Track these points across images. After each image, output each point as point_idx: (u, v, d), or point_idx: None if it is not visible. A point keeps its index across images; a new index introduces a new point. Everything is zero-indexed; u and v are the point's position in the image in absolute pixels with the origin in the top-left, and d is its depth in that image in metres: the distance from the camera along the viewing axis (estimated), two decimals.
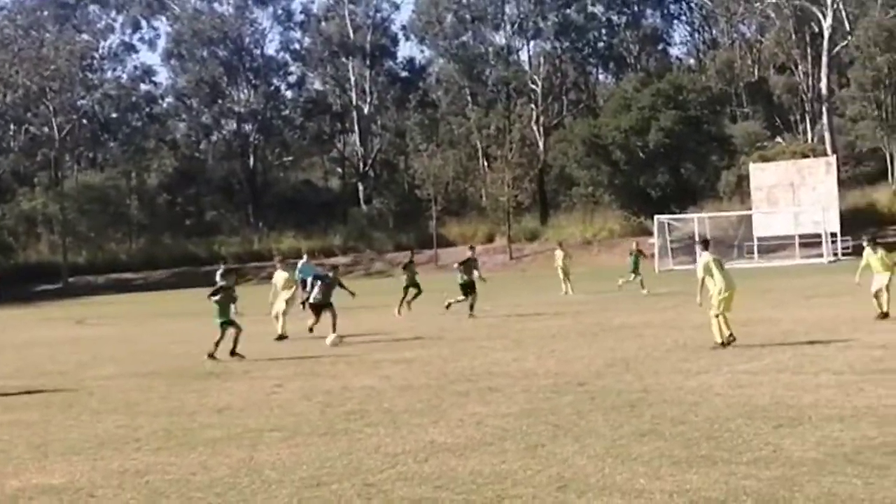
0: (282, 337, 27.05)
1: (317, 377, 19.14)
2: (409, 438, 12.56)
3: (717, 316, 20.25)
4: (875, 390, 14.08)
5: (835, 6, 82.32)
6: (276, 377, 19.36)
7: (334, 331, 25.67)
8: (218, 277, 25.86)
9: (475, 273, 33.05)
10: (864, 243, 26.06)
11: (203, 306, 42.81)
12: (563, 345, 22.30)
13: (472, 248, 37.62)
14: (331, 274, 27.97)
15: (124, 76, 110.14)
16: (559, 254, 44.74)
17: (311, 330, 27.35)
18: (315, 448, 12.35)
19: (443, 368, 19.26)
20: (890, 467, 9.77)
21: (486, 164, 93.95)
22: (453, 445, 12.01)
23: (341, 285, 28.34)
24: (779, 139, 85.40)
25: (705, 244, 21.86)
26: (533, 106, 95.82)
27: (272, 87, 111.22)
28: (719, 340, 20.02)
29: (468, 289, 32.18)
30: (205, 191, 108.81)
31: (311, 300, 27.90)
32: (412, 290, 34.74)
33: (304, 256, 43.82)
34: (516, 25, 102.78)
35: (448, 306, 33.09)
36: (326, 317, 26.85)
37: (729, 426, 12.21)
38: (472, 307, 31.58)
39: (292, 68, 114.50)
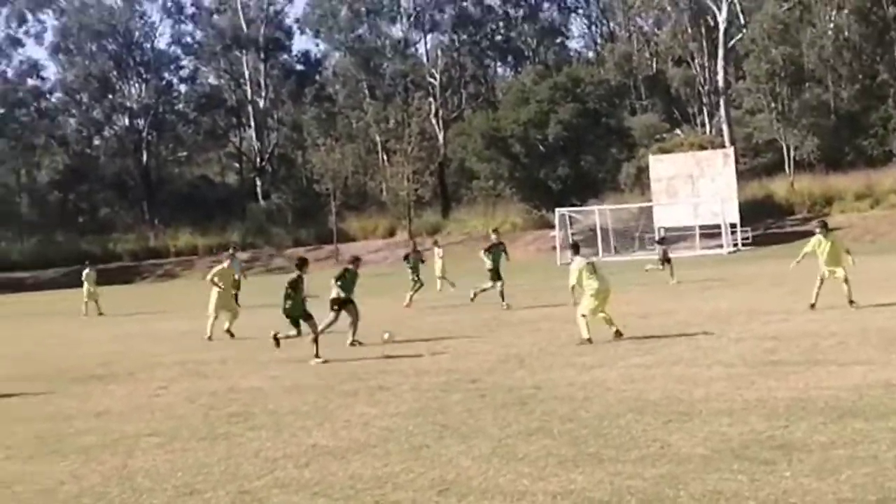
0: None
1: (204, 378, 18.69)
2: (291, 442, 12.22)
3: (583, 315, 19.91)
4: (765, 382, 14.04)
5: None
6: (161, 379, 18.88)
7: (354, 333, 22.84)
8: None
9: (503, 257, 31.68)
10: (816, 230, 24.58)
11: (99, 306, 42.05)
12: (458, 340, 22.08)
13: (496, 231, 35.68)
14: (350, 266, 23.81)
15: (10, 71, 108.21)
16: (437, 251, 43.55)
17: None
18: (193, 453, 11.97)
19: (333, 367, 18.91)
20: (776, 462, 9.66)
21: (385, 158, 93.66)
22: (335, 448, 11.70)
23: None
24: (677, 131, 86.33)
25: (575, 248, 21.54)
26: (431, 99, 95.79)
27: (164, 82, 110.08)
28: (586, 336, 19.68)
29: (496, 274, 30.97)
30: (98, 188, 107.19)
31: (333, 295, 23.14)
32: (417, 283, 34.24)
33: (231, 249, 40.76)
34: (413, 18, 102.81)
35: (473, 297, 31.87)
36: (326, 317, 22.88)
37: (618, 422, 12.05)
38: (502, 296, 30.24)
39: (184, 62, 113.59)
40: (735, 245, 65.28)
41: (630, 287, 35.95)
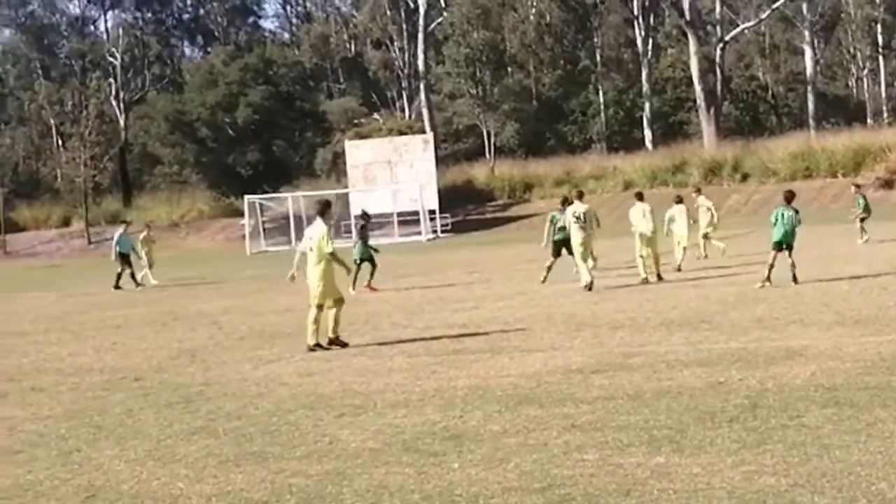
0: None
1: None
2: None
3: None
4: (447, 372, 14.16)
5: None
6: None
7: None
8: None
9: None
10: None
11: None
12: (128, 336, 21.42)
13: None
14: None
15: None
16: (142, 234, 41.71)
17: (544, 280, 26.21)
18: None
19: None
20: (446, 453, 9.69)
21: (60, 142, 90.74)
22: None
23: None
24: (375, 116, 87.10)
25: (679, 199, 29.01)
26: (112, 80, 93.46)
27: None
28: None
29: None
30: None
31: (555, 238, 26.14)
32: (367, 265, 29.48)
33: (122, 227, 38.64)
34: None
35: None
36: None
37: (288, 418, 11.89)
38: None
39: None
40: (434, 232, 66.42)
41: None
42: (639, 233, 25.42)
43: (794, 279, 22.14)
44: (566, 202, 26.74)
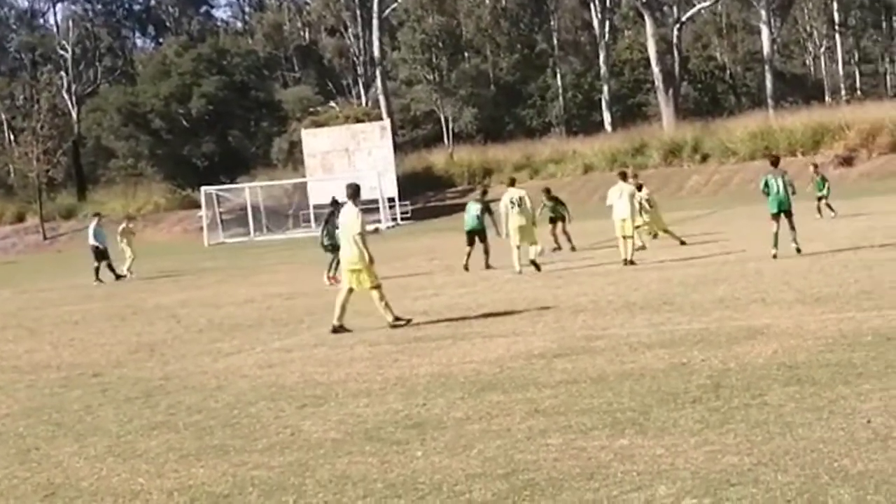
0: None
1: None
2: None
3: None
4: (409, 360, 14.17)
5: None
6: None
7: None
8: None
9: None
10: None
11: None
12: (86, 332, 21.31)
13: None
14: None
15: None
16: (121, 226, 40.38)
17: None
18: None
19: None
20: (409, 441, 9.70)
21: (11, 137, 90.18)
22: None
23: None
24: (332, 104, 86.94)
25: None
26: (63, 73, 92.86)
27: None
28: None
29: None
30: None
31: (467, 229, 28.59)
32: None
33: (95, 219, 38.12)
34: None
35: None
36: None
37: (249, 410, 11.88)
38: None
39: None
40: (394, 220, 66.36)
41: (279, 266, 35.99)
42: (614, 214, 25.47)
43: (797, 248, 22.85)
44: (486, 193, 28.61)
